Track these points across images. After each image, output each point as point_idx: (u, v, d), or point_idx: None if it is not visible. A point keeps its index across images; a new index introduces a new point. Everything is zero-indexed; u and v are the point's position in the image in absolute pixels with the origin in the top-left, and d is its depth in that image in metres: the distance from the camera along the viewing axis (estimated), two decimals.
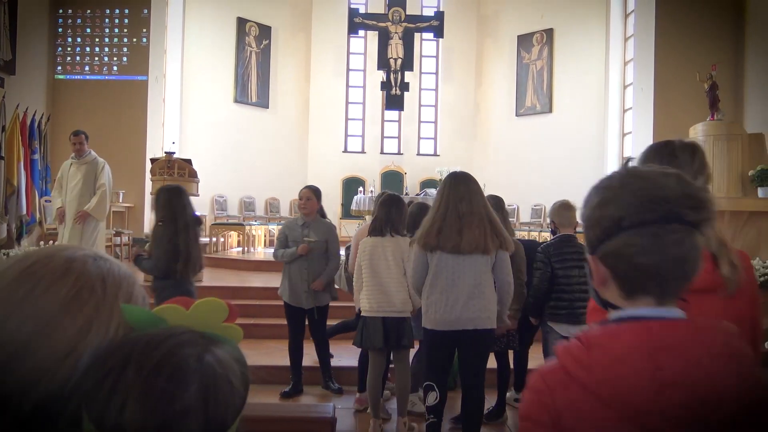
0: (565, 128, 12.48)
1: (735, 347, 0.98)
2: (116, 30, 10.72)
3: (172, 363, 0.71)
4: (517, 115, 13.50)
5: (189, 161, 7.70)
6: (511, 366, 4.49)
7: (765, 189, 7.70)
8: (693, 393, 0.92)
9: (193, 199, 7.82)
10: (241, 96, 13.10)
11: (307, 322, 4.89)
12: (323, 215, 5.12)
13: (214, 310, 0.80)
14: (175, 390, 0.69)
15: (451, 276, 3.38)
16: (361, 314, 4.10)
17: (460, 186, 3.45)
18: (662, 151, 1.77)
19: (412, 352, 4.31)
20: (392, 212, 4.08)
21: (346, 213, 12.69)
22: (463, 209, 3.36)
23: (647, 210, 0.99)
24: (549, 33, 12.96)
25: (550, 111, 12.97)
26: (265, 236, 11.74)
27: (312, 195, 5.04)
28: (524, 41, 13.35)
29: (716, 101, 8.29)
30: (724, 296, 1.60)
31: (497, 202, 4.19)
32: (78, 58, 10.70)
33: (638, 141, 10.40)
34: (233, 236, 11.17)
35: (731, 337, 1.00)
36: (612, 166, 11.78)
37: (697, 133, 8.38)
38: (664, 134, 9.28)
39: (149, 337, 0.74)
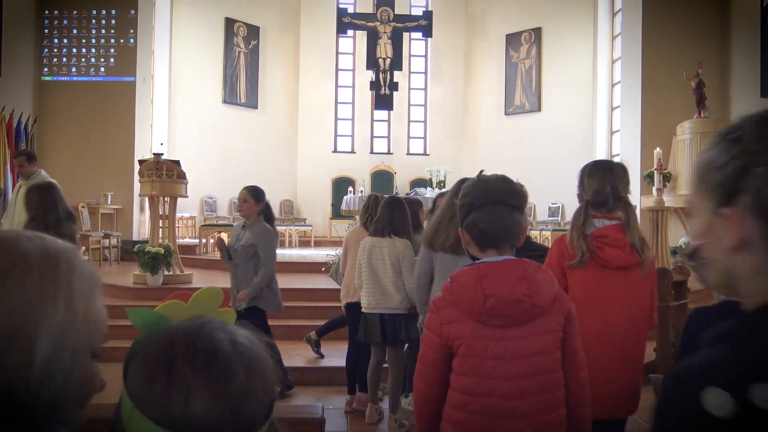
0: (554, 127, 12.53)
1: (527, 272, 1.69)
2: (103, 31, 10.64)
3: (216, 350, 0.74)
4: (506, 114, 13.54)
5: (177, 162, 7.66)
6: None
7: None
8: (501, 299, 1.65)
9: (182, 200, 7.84)
10: (230, 96, 13.05)
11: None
12: (268, 218, 4.72)
13: (212, 297, 0.83)
14: (230, 374, 0.73)
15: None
16: (362, 310, 4.21)
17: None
18: (604, 166, 2.58)
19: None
20: (395, 214, 4.16)
21: (336, 213, 12.68)
22: None
23: (485, 198, 1.75)
24: (537, 32, 13.01)
25: (539, 110, 13.02)
26: None
27: (249, 196, 4.69)
28: (512, 40, 13.39)
29: (703, 99, 8.37)
30: (637, 274, 2.45)
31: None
32: (65, 59, 10.61)
33: (626, 139, 10.47)
34: (223, 237, 11.11)
35: (527, 266, 1.71)
36: None
37: (684, 130, 8.46)
38: (652, 132, 9.36)
39: (183, 331, 0.76)
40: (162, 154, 7.77)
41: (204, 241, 10.34)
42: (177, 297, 0.82)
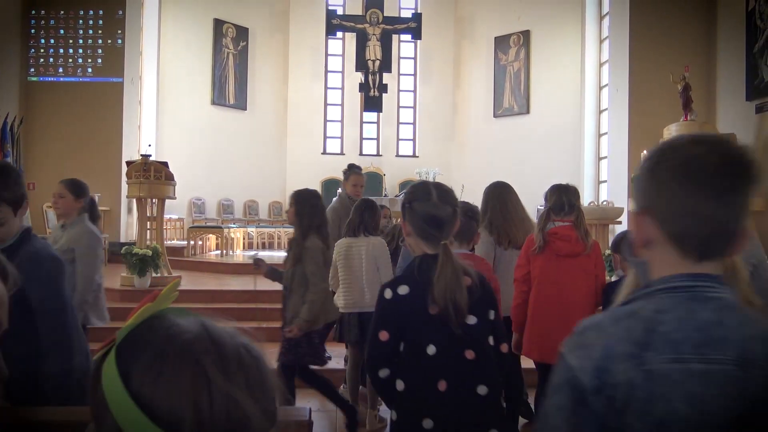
0: (542, 129, 12.60)
1: (463, 265, 1.91)
2: (90, 31, 10.58)
3: (235, 353, 0.72)
4: (494, 116, 13.60)
5: (165, 164, 7.61)
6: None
7: None
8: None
9: (170, 202, 7.79)
10: (219, 98, 13.01)
11: None
12: (93, 217, 3.90)
13: (170, 293, 0.77)
14: (256, 373, 0.72)
15: None
16: (340, 310, 4.18)
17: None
18: (560, 187, 3.54)
19: None
20: (365, 215, 4.21)
21: None
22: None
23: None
24: (526, 35, 13.08)
25: (528, 112, 13.08)
26: (243, 239, 11.66)
27: (66, 190, 3.75)
28: (501, 43, 13.45)
29: (689, 102, 8.44)
30: (584, 258, 3.41)
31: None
32: (52, 59, 10.53)
33: (614, 141, 10.54)
34: (212, 239, 11.08)
35: (466, 262, 1.96)
36: (588, 166, 11.93)
37: (671, 133, 8.52)
38: (639, 134, 9.44)
39: (193, 340, 0.71)
40: (150, 156, 7.72)
41: (192, 242, 10.29)
42: (146, 301, 0.76)
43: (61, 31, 10.52)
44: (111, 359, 0.70)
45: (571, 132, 12.15)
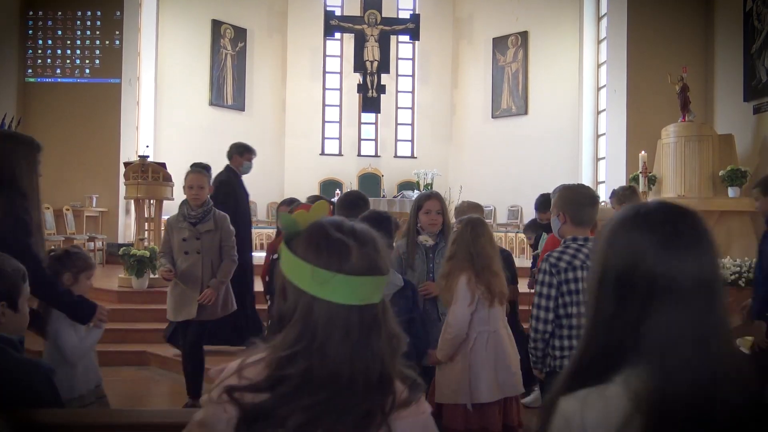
0: (541, 130, 12.60)
1: None
2: (88, 32, 10.56)
3: (366, 233, 1.19)
4: (493, 117, 13.60)
5: (163, 165, 7.61)
6: None
7: (735, 189, 7.86)
8: None
9: (167, 203, 7.78)
10: (217, 98, 12.99)
11: None
12: None
13: (322, 208, 1.24)
14: (375, 243, 1.19)
15: None
16: None
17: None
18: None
19: None
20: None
21: None
22: None
23: None
24: (524, 36, 13.08)
25: (526, 113, 13.08)
26: None
27: None
28: (499, 44, 13.45)
29: (687, 103, 8.45)
30: None
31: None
32: (49, 60, 10.51)
33: (612, 142, 10.55)
34: None
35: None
36: (586, 167, 11.94)
37: (668, 134, 8.54)
38: (637, 135, 9.45)
39: (328, 220, 1.20)
40: (148, 157, 7.72)
41: None
42: (302, 209, 1.25)
43: (59, 32, 10.50)
44: (283, 247, 1.18)
45: (570, 133, 12.15)
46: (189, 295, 4.27)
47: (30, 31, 10.45)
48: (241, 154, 6.47)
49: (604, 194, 10.95)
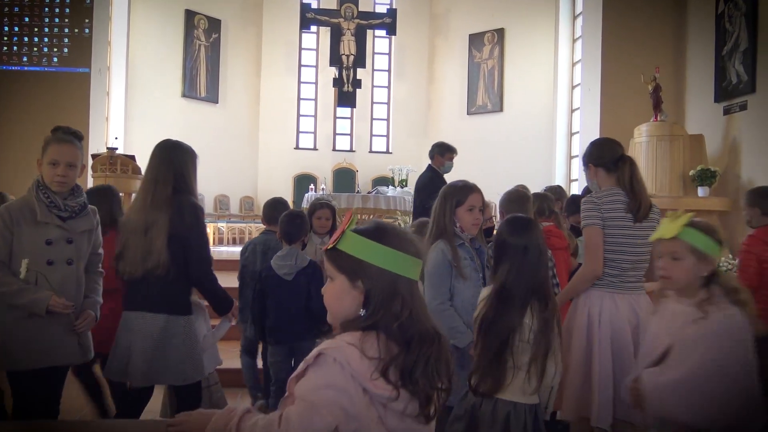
0: (515, 127, 12.65)
1: None
2: (57, 19, 10.28)
3: (402, 233, 1.56)
4: (468, 114, 13.62)
5: (133, 157, 7.47)
6: None
7: (704, 188, 7.97)
8: None
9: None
10: (190, 90, 12.78)
11: None
12: None
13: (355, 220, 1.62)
14: (413, 242, 1.58)
15: None
16: None
17: None
18: (542, 195, 4.42)
19: None
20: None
21: None
22: None
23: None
24: (500, 33, 13.11)
25: (501, 110, 13.13)
26: (214, 234, 11.49)
27: None
28: (475, 40, 13.47)
29: (659, 103, 8.54)
30: (569, 252, 4.16)
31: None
32: (15, 47, 10.21)
33: (585, 140, 10.62)
34: None
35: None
36: (560, 164, 12.03)
37: (641, 133, 8.61)
38: (610, 134, 9.46)
39: (377, 222, 1.57)
40: (116, 149, 7.57)
41: None
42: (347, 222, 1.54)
43: (26, 19, 10.21)
44: (348, 231, 1.51)
45: (544, 130, 12.23)
46: (57, 327, 2.80)
47: None
48: (442, 154, 6.74)
49: (577, 191, 11.04)
